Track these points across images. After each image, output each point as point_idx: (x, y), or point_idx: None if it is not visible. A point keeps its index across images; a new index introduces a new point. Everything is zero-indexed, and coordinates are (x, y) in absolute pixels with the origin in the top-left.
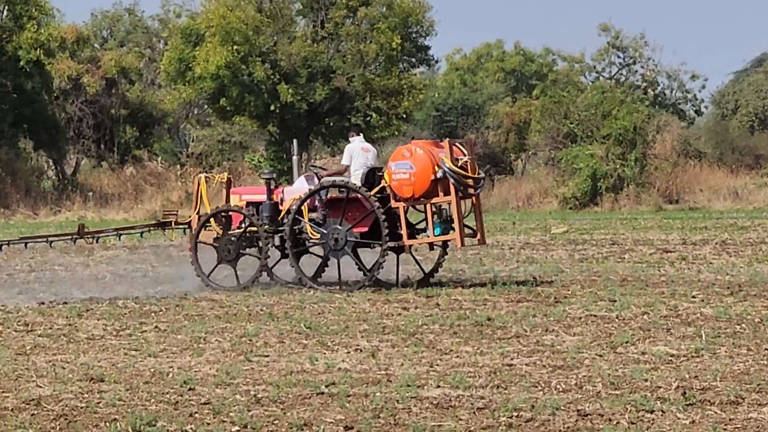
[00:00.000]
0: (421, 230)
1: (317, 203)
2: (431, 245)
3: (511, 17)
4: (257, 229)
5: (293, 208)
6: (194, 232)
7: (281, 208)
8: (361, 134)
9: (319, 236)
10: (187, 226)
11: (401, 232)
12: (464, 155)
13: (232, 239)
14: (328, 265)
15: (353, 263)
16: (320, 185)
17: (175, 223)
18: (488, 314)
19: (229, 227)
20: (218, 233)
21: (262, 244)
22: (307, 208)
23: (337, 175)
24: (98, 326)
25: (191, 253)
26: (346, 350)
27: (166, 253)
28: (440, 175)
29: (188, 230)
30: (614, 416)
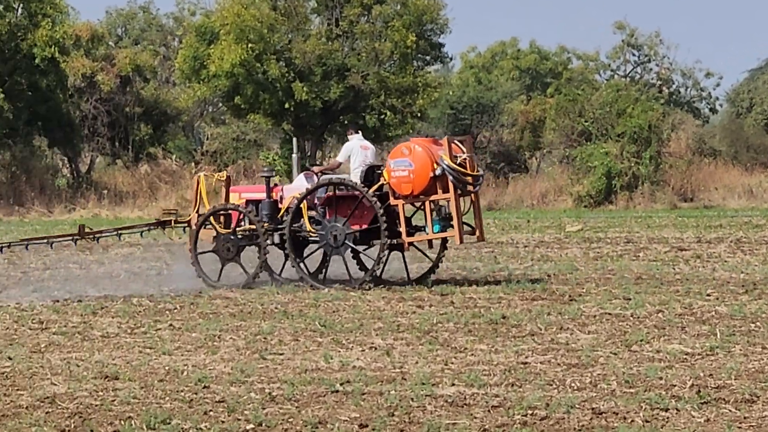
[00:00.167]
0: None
1: (316, 201)
2: (430, 242)
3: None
4: (256, 227)
5: (292, 205)
6: (193, 230)
7: (281, 206)
8: (359, 132)
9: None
10: (186, 224)
11: (400, 229)
12: (463, 153)
13: (230, 237)
14: (328, 262)
15: (353, 261)
16: (319, 183)
17: (174, 221)
18: (503, 312)
19: (228, 226)
20: (218, 232)
21: (261, 241)
22: (306, 205)
23: (329, 170)
24: (113, 324)
25: (191, 252)
26: (360, 348)
27: (181, 251)
28: (439, 172)
29: (188, 229)
30: (629, 414)
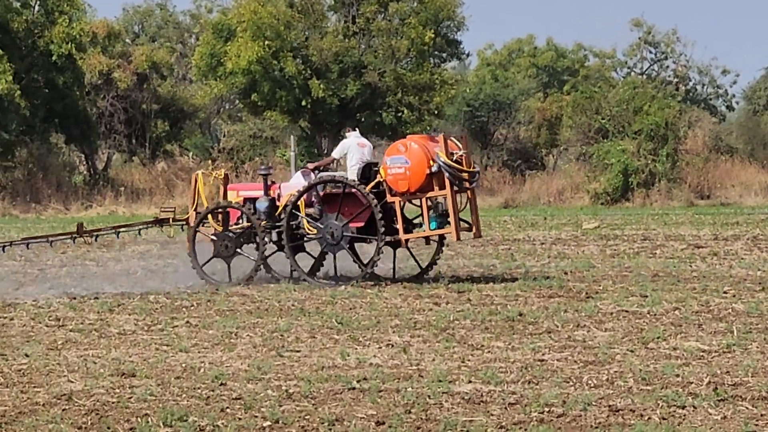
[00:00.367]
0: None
1: (314, 198)
2: (427, 239)
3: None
4: (254, 224)
5: (290, 203)
6: (192, 228)
7: (278, 203)
8: (356, 130)
9: (315, 231)
10: (185, 222)
11: (397, 226)
12: (459, 149)
13: (230, 235)
14: (325, 259)
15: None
16: (317, 180)
17: (173, 219)
18: (519, 309)
19: (226, 223)
20: (216, 229)
21: (259, 239)
22: (303, 203)
23: (323, 166)
24: (129, 321)
25: (189, 249)
26: (377, 345)
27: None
28: (435, 169)
29: (186, 227)
30: (645, 412)
